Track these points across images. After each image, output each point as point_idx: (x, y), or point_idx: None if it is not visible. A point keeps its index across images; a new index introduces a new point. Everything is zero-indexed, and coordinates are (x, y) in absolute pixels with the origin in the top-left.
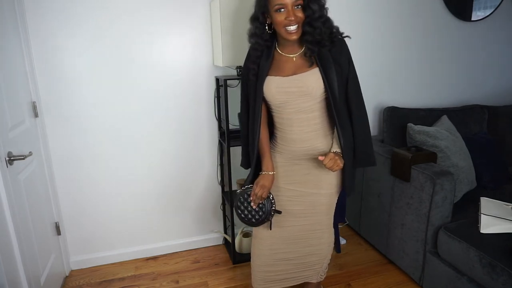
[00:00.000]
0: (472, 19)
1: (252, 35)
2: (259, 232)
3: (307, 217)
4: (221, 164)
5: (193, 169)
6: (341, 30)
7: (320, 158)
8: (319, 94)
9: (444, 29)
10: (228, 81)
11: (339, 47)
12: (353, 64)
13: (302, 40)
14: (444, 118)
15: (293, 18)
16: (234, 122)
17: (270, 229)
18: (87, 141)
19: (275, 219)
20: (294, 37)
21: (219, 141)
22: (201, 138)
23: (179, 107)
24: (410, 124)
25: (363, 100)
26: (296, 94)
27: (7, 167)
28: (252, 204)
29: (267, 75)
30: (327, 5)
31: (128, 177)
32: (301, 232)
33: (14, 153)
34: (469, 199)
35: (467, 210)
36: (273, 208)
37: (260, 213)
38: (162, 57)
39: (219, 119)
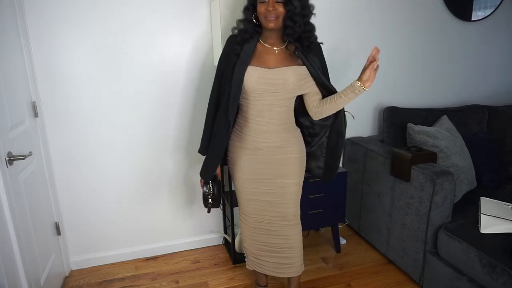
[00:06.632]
0: (472, 19)
1: (242, 21)
2: (241, 217)
3: (277, 208)
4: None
5: (193, 169)
6: (342, 30)
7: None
8: (294, 90)
9: (444, 29)
10: None
11: (316, 51)
12: (326, 68)
13: (284, 34)
14: (444, 118)
15: (271, 9)
16: None
17: (208, 212)
18: (87, 141)
19: (249, 207)
20: (271, 25)
21: None
22: (201, 138)
23: (179, 107)
24: (410, 124)
25: None
26: (276, 86)
27: (7, 167)
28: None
29: (248, 64)
30: (314, 12)
31: (129, 177)
32: (274, 224)
33: (14, 153)
34: (469, 199)
35: (467, 210)
36: (206, 193)
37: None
38: (162, 57)
39: None
